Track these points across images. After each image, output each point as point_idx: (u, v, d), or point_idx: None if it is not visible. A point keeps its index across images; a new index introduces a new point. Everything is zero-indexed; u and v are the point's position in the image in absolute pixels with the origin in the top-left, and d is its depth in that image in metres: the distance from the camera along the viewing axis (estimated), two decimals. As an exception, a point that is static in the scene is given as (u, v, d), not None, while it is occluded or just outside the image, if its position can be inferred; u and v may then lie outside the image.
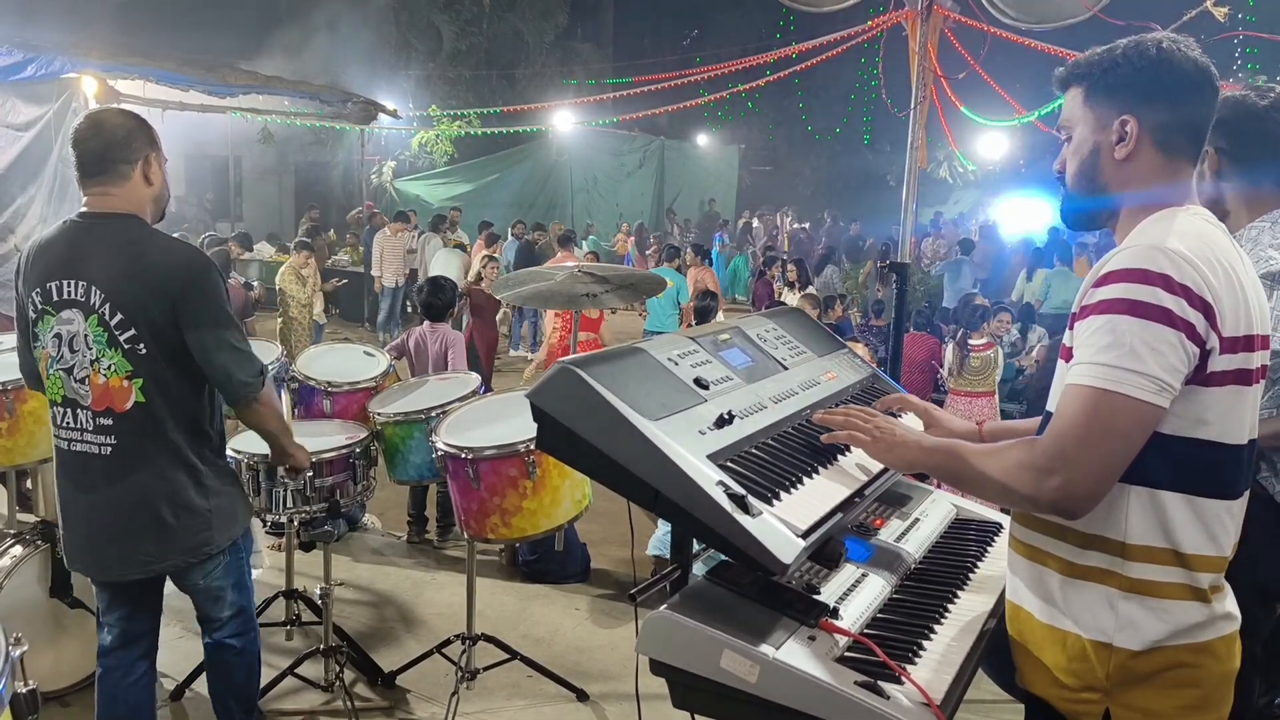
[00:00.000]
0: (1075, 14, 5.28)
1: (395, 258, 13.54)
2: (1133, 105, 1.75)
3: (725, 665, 1.71)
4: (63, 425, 2.78)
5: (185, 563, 2.84)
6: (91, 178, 2.75)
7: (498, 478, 3.51)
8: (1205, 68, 1.75)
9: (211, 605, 2.98)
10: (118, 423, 2.72)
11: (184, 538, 2.81)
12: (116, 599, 2.96)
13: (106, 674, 2.98)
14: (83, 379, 2.73)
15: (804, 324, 2.77)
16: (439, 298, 6.00)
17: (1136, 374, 1.57)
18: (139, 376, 2.71)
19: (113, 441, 2.73)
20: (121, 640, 2.97)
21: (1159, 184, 1.77)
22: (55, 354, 2.75)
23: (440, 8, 22.95)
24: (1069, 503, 1.63)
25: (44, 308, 2.75)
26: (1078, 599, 1.73)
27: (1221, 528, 1.71)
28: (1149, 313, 1.58)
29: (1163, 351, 1.57)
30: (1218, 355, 1.63)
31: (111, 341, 2.69)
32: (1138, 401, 1.58)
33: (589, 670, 4.25)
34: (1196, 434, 1.66)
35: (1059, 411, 1.67)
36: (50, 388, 2.79)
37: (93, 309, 2.69)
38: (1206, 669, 1.71)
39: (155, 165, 2.81)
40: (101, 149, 2.73)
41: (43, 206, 9.13)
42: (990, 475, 1.72)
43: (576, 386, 1.84)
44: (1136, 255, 1.63)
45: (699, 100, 17.80)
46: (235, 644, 3.04)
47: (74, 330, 2.71)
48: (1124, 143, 1.76)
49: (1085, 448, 1.60)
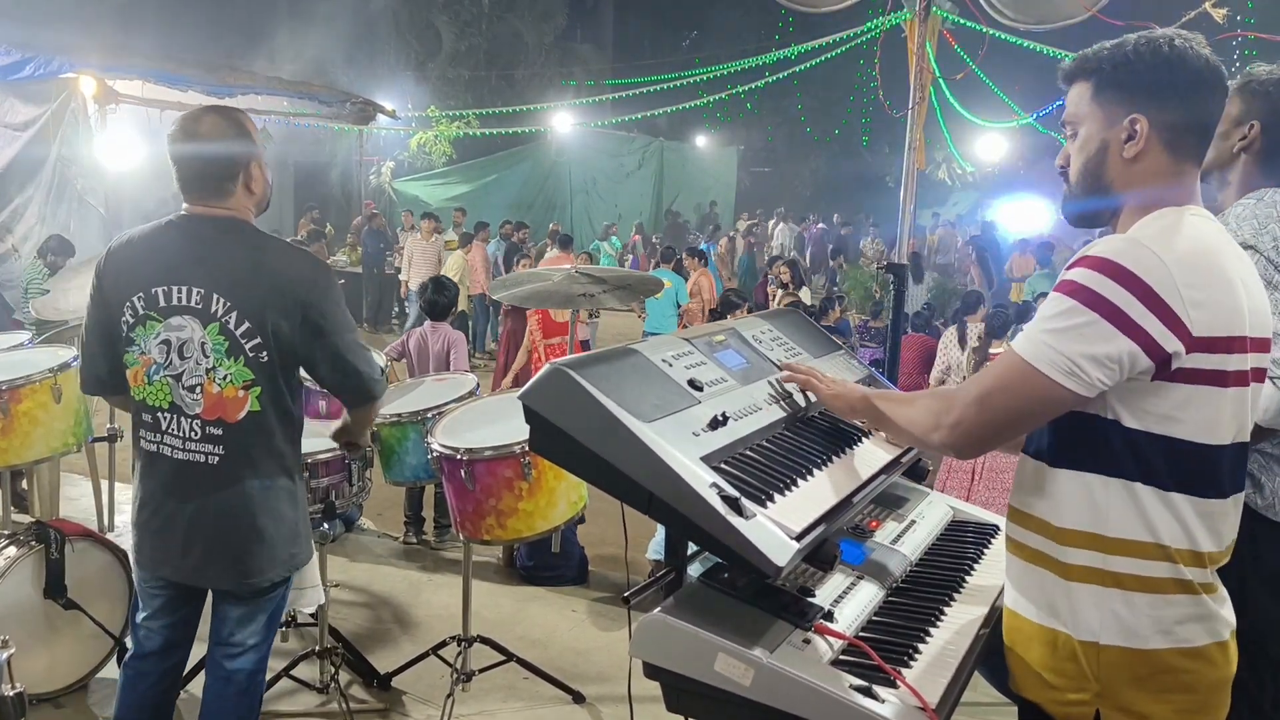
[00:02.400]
0: (1074, 14, 5.27)
1: (426, 261, 13.41)
2: (1143, 104, 1.73)
3: (719, 668, 1.70)
4: (167, 432, 2.67)
5: (280, 576, 2.76)
6: (194, 194, 2.68)
7: (493, 479, 3.50)
8: (1216, 67, 1.73)
9: (243, 626, 2.81)
10: (228, 432, 2.64)
11: (280, 548, 2.74)
12: (168, 602, 2.84)
13: (138, 678, 2.86)
14: (193, 387, 2.63)
15: (800, 325, 2.76)
16: (443, 296, 6.00)
17: (1054, 351, 1.64)
18: (258, 385, 2.63)
19: (221, 451, 2.65)
20: (163, 646, 2.87)
21: (1164, 184, 1.75)
22: (163, 360, 2.64)
23: (439, 8, 22.97)
24: (954, 440, 1.78)
25: (147, 313, 2.63)
26: (1073, 600, 1.73)
27: (1195, 525, 1.69)
28: (1096, 303, 1.61)
29: (1090, 339, 1.61)
30: (1184, 355, 1.62)
31: (233, 350, 2.60)
32: (1044, 377, 1.65)
33: (585, 672, 4.24)
34: (1168, 431, 1.66)
35: (985, 366, 1.70)
36: (154, 394, 2.67)
37: (214, 316, 2.60)
38: (1201, 675, 1.71)
39: (256, 171, 2.73)
40: (204, 169, 2.65)
41: (41, 206, 9.15)
42: (900, 416, 1.91)
43: (569, 388, 1.83)
44: (1112, 247, 1.65)
45: (698, 101, 17.82)
46: (244, 681, 2.83)
47: (186, 337, 2.62)
48: (1133, 141, 1.74)
49: (986, 397, 1.72)
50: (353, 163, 20.76)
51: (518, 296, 4.37)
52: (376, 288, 15.38)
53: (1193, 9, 6.28)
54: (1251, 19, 12.13)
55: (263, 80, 10.20)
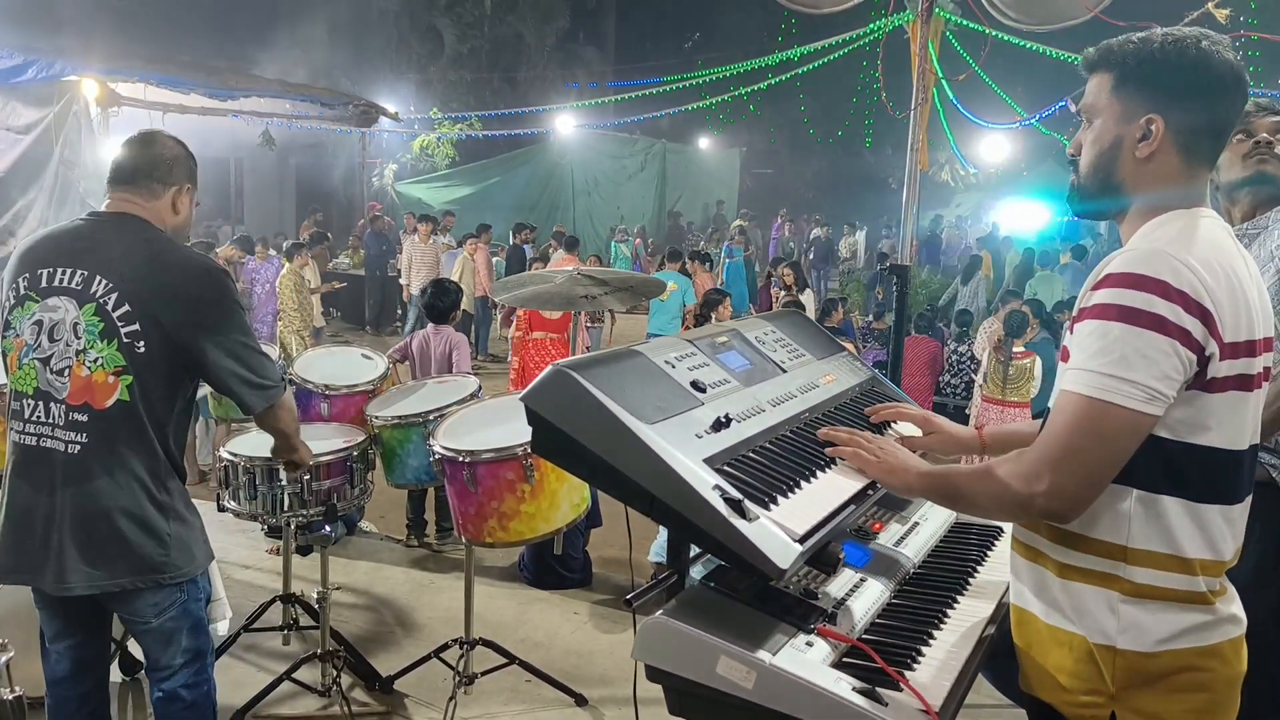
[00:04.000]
0: (1076, 15, 5.27)
1: (425, 264, 13.37)
2: (1162, 104, 1.70)
3: (721, 671, 1.69)
4: (31, 419, 2.60)
5: (134, 585, 2.61)
6: (121, 184, 2.69)
7: (495, 481, 3.49)
8: (1239, 72, 1.70)
9: (162, 648, 2.72)
10: (93, 420, 2.56)
11: (139, 557, 2.60)
12: (67, 623, 2.76)
13: (59, 706, 2.79)
14: (61, 370, 2.56)
15: (803, 326, 2.75)
16: (443, 300, 5.99)
17: (1126, 381, 1.56)
18: (129, 374, 2.56)
19: (83, 440, 2.56)
20: (74, 669, 2.78)
21: (1174, 186, 1.73)
22: (32, 341, 2.59)
23: (441, 11, 22.99)
24: (1057, 506, 1.64)
25: (27, 293, 2.61)
26: (1079, 601, 1.72)
27: (1221, 533, 1.69)
28: (1141, 319, 1.56)
29: (1154, 359, 1.56)
30: (1218, 361, 1.61)
31: (108, 333, 2.55)
32: (1126, 410, 1.57)
33: (587, 675, 4.23)
34: (1200, 440, 1.65)
35: (1051, 417, 1.67)
36: (20, 378, 2.62)
37: (92, 297, 2.55)
38: (1215, 673, 1.70)
39: (187, 198, 2.76)
40: (142, 161, 2.68)
41: (43, 209, 9.14)
42: (982, 494, 1.74)
43: (571, 389, 1.82)
44: (1135, 259, 1.61)
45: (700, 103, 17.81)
46: (186, 695, 2.75)
47: (59, 318, 2.57)
48: (1146, 141, 1.71)
49: (1073, 453, 1.61)
50: (355, 165, 20.78)
51: (520, 298, 4.37)
52: (379, 290, 15.38)
53: (1195, 9, 6.27)
54: (1254, 20, 12.11)
55: (265, 83, 10.20)
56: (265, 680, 3.87)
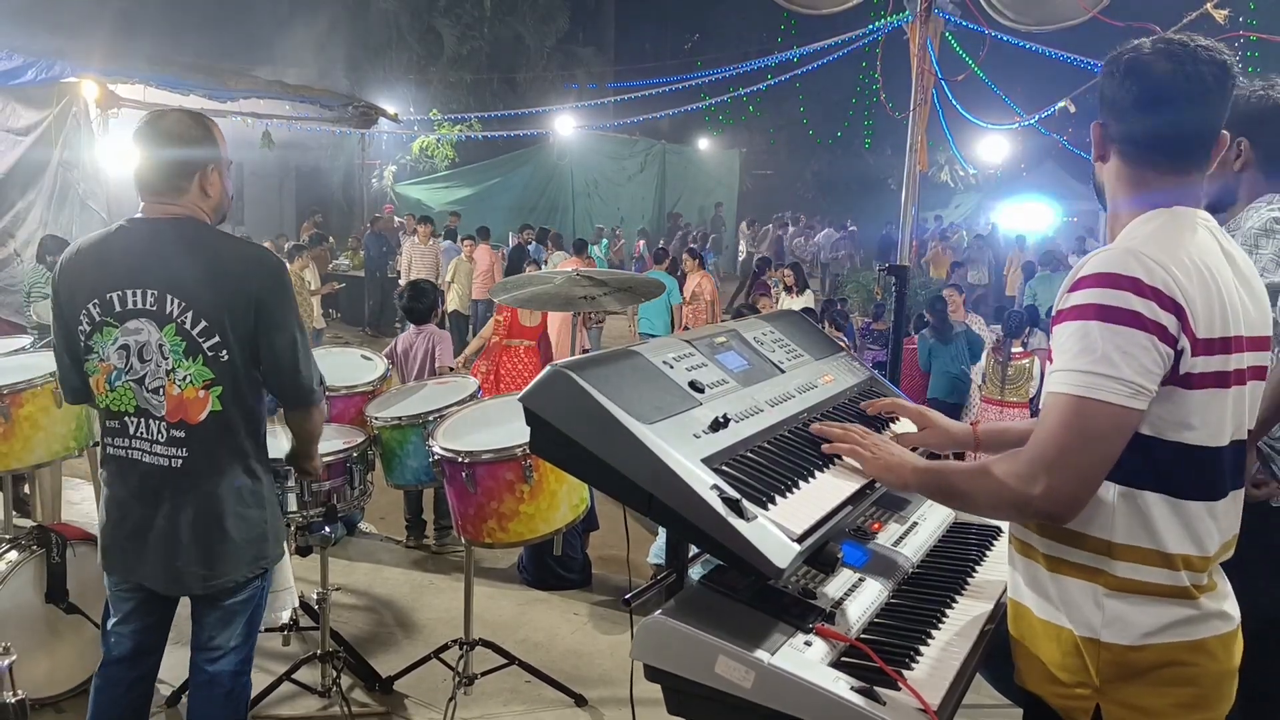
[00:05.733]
0: (1074, 16, 5.27)
1: (424, 265, 13.35)
2: (1105, 113, 1.82)
3: (720, 671, 1.69)
4: (135, 436, 2.67)
5: (245, 577, 2.74)
6: (149, 189, 2.68)
7: (494, 482, 3.49)
8: (1196, 77, 1.70)
9: (221, 629, 2.79)
10: (190, 434, 2.63)
11: (247, 549, 2.73)
12: (141, 609, 2.83)
13: (108, 685, 2.85)
14: (156, 389, 2.63)
15: (801, 327, 2.75)
16: (420, 301, 6.05)
17: (1110, 379, 1.59)
18: (219, 385, 2.62)
19: (185, 454, 2.64)
20: (133, 652, 2.85)
21: (1137, 191, 1.79)
22: (123, 365, 2.63)
23: (441, 12, 22.98)
24: (1054, 507, 1.66)
25: (103, 319, 2.63)
26: (1067, 594, 1.75)
27: (1205, 529, 1.71)
28: (1120, 317, 1.60)
29: (1135, 355, 1.59)
30: (1189, 357, 1.63)
31: (191, 350, 2.59)
32: (1113, 406, 1.60)
33: (587, 676, 4.23)
34: (1180, 438, 1.67)
35: (1040, 419, 1.69)
36: (117, 399, 2.67)
37: (169, 318, 2.59)
38: (1202, 667, 1.72)
39: (214, 175, 2.72)
40: (160, 164, 2.65)
41: (43, 211, 9.14)
42: (979, 492, 1.75)
43: (569, 389, 1.82)
44: (1107, 259, 1.65)
45: (700, 104, 17.83)
46: (228, 682, 2.83)
47: (144, 340, 2.61)
48: (1095, 146, 1.84)
49: (1065, 453, 1.62)
50: (355, 167, 20.81)
51: (519, 299, 4.37)
52: (379, 291, 15.39)
53: (1194, 10, 6.27)
54: (1253, 20, 12.12)
55: (264, 84, 10.18)
56: (265, 681, 3.87)
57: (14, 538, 3.64)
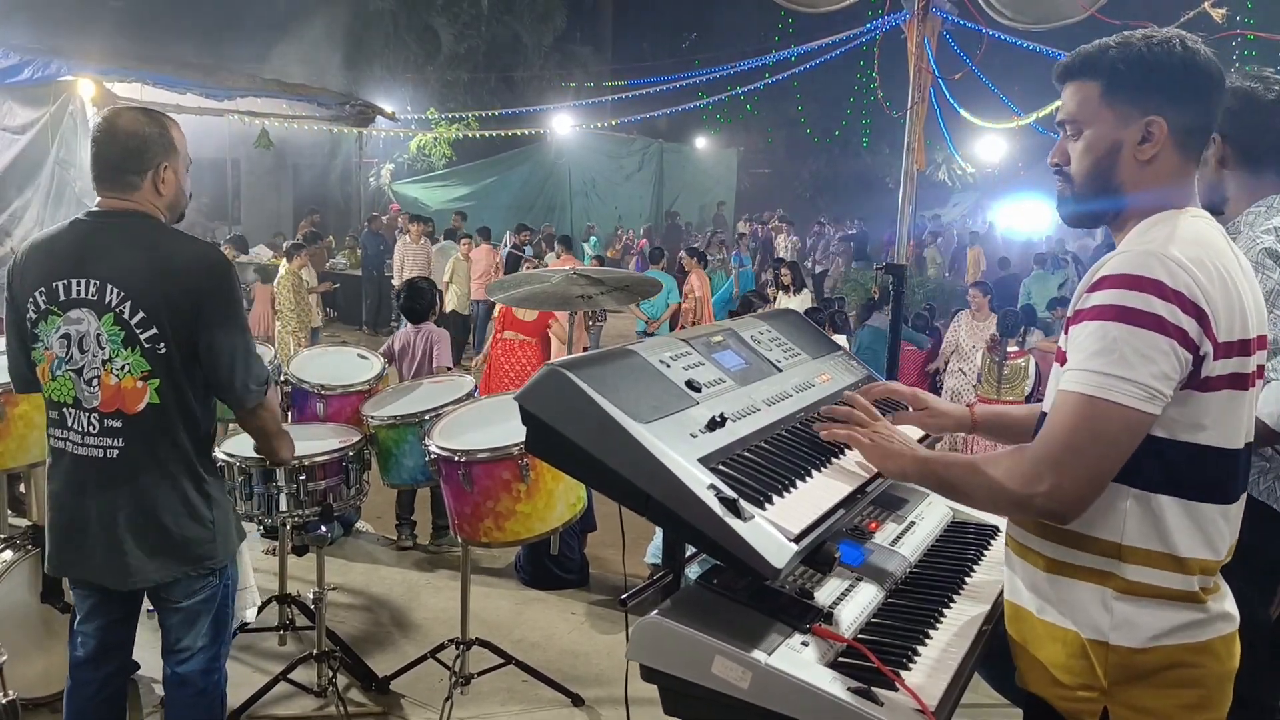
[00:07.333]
0: (1072, 14, 5.27)
1: (417, 264, 13.30)
2: (1162, 106, 1.71)
3: (716, 671, 1.68)
4: (73, 427, 2.68)
5: (185, 574, 2.73)
6: (102, 183, 2.70)
7: (491, 481, 3.48)
8: (1220, 68, 1.72)
9: (186, 629, 2.80)
10: (127, 425, 2.64)
11: (189, 548, 2.72)
12: (100, 607, 2.83)
13: (77, 688, 2.85)
14: (92, 380, 2.64)
15: (799, 326, 2.75)
16: (418, 301, 6.05)
17: (1126, 381, 1.57)
18: (156, 377, 2.63)
19: (120, 445, 2.64)
20: (97, 651, 2.85)
21: (1172, 186, 1.74)
22: (63, 354, 2.65)
23: (438, 10, 22.93)
24: (1058, 507, 1.64)
25: (48, 308, 2.65)
26: (1072, 597, 1.73)
27: (1217, 532, 1.70)
28: (1140, 319, 1.57)
29: (1153, 358, 1.57)
30: (1212, 360, 1.61)
31: (129, 340, 2.61)
32: (1126, 408, 1.57)
33: (584, 675, 4.22)
34: (1195, 439, 1.65)
35: (1050, 417, 1.66)
36: (57, 389, 2.68)
37: (108, 307, 2.60)
38: (1207, 669, 1.71)
39: (168, 173, 2.72)
40: (113, 158, 2.67)
41: (39, 209, 9.12)
42: (981, 485, 1.72)
43: (565, 389, 1.81)
44: (1130, 260, 1.62)
45: (697, 103, 17.82)
46: (199, 681, 2.83)
47: (84, 330, 2.63)
48: (1149, 143, 1.72)
49: (1073, 453, 1.60)
50: (352, 165, 20.76)
51: (516, 298, 4.36)
52: (375, 290, 15.38)
53: (1191, 9, 6.27)
54: (1251, 19, 12.12)
55: (261, 83, 10.15)
56: (261, 680, 3.86)
57: (9, 537, 3.63)
